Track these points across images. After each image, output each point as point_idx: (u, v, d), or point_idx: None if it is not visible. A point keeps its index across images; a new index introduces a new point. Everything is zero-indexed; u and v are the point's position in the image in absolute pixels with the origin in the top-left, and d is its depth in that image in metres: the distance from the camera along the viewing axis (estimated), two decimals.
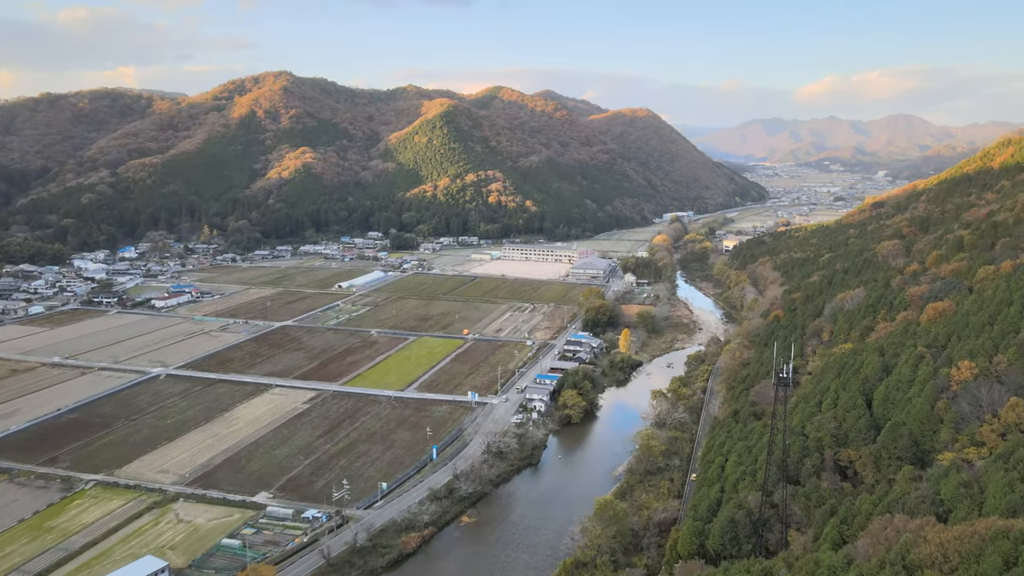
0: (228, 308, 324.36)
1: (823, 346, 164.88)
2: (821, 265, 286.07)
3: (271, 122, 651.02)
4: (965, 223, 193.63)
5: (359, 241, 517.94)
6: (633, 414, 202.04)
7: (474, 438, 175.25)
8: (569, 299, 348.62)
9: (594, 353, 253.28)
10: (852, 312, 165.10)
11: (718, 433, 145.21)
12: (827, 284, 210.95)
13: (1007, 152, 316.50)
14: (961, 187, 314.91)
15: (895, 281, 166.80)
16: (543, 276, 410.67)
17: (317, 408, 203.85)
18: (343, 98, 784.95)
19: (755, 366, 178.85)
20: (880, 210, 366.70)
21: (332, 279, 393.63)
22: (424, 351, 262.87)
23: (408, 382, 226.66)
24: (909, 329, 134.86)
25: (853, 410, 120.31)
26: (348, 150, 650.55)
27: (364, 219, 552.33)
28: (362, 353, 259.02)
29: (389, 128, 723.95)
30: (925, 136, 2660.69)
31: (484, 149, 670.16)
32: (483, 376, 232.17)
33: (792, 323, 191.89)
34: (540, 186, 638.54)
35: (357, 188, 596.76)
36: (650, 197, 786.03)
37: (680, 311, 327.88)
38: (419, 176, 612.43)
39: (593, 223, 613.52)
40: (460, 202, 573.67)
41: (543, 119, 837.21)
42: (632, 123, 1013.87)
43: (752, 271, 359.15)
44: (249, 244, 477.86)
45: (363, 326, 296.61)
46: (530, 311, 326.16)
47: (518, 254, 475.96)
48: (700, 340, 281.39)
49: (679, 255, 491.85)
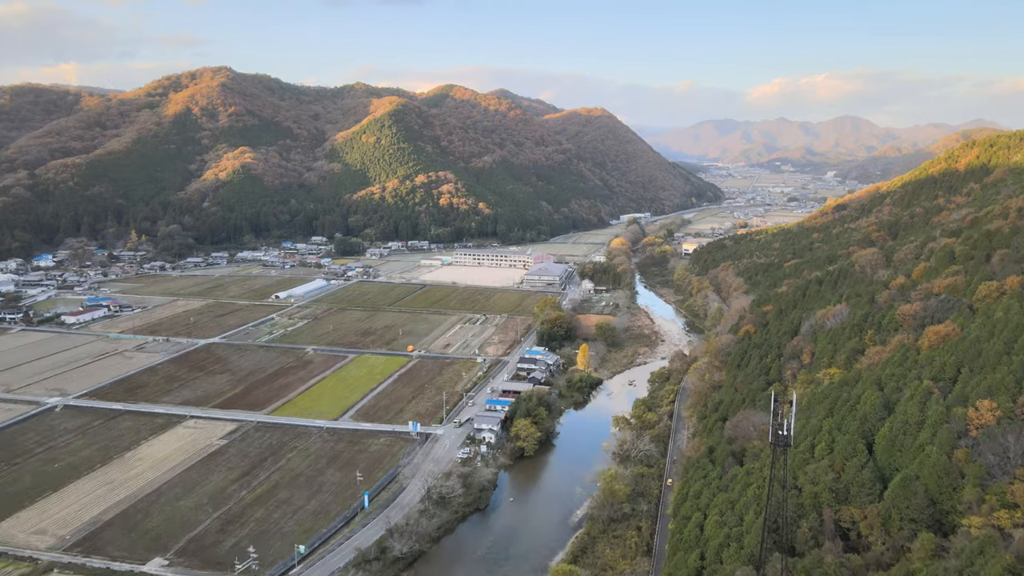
0: (149, 324, 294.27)
1: (804, 370, 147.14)
2: (788, 272, 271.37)
3: (208, 120, 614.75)
4: (951, 231, 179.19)
5: (302, 247, 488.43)
6: (594, 443, 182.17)
7: (412, 480, 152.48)
8: (523, 308, 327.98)
9: (550, 371, 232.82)
10: (836, 332, 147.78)
11: (693, 477, 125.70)
12: (800, 296, 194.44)
13: (972, 154, 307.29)
14: (926, 189, 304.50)
15: (881, 297, 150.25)
16: (496, 283, 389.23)
17: (236, 444, 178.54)
18: (287, 96, 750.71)
19: (728, 391, 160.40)
20: (843, 213, 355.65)
21: (270, 289, 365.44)
22: (364, 371, 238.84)
23: (343, 409, 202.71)
24: (908, 357, 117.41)
25: (853, 458, 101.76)
26: (291, 150, 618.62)
27: (307, 223, 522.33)
28: (295, 375, 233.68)
29: (336, 127, 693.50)
30: (871, 137, 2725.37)
31: (435, 149, 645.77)
32: (427, 401, 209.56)
33: (766, 341, 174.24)
34: (494, 187, 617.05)
35: (301, 190, 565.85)
36: (607, 198, 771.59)
37: (641, 320, 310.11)
38: (367, 177, 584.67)
39: (549, 225, 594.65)
40: (410, 204, 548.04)
41: (497, 118, 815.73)
42: (588, 123, 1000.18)
43: (714, 277, 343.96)
44: (181, 251, 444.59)
45: (299, 342, 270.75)
46: (482, 323, 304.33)
47: (470, 259, 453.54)
48: (663, 353, 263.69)
49: (638, 259, 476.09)
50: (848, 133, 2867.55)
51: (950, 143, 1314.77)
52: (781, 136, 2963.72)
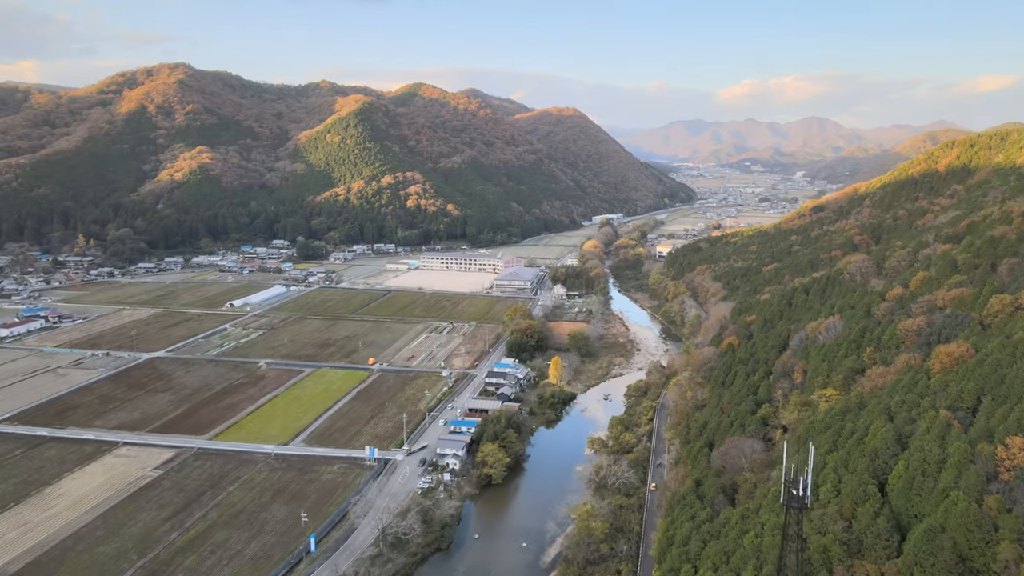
0: (89, 336, 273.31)
1: (797, 390, 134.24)
2: (768, 278, 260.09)
3: (164, 119, 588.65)
4: (947, 236, 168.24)
5: (262, 251, 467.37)
6: (567, 467, 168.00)
7: (365, 519, 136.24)
8: (493, 316, 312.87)
9: (520, 386, 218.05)
10: (830, 348, 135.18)
11: (679, 516, 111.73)
12: (786, 306, 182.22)
13: (952, 154, 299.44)
14: (907, 191, 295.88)
15: (878, 309, 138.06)
16: (465, 288, 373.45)
17: (172, 475, 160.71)
18: (249, 94, 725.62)
19: (713, 412, 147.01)
20: (820, 214, 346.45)
21: (224, 296, 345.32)
22: (320, 388, 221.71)
23: (295, 432, 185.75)
24: (918, 381, 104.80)
25: (865, 502, 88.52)
26: (252, 150, 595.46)
27: (268, 226, 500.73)
28: (244, 392, 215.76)
29: (300, 126, 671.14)
30: (837, 138, 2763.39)
31: (402, 149, 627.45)
32: (388, 421, 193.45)
33: (752, 356, 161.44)
34: (463, 188, 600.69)
35: (262, 192, 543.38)
36: (579, 199, 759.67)
37: (615, 328, 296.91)
38: (331, 178, 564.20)
39: (520, 227, 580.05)
40: (376, 206, 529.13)
41: (466, 118, 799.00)
42: (559, 122, 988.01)
43: (690, 281, 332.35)
44: (132, 256, 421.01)
45: (251, 356, 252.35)
46: (448, 332, 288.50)
47: (438, 263, 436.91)
48: (639, 363, 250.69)
49: (611, 261, 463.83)
50: (815, 134, 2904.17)
51: (917, 144, 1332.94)
52: (750, 136, 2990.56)
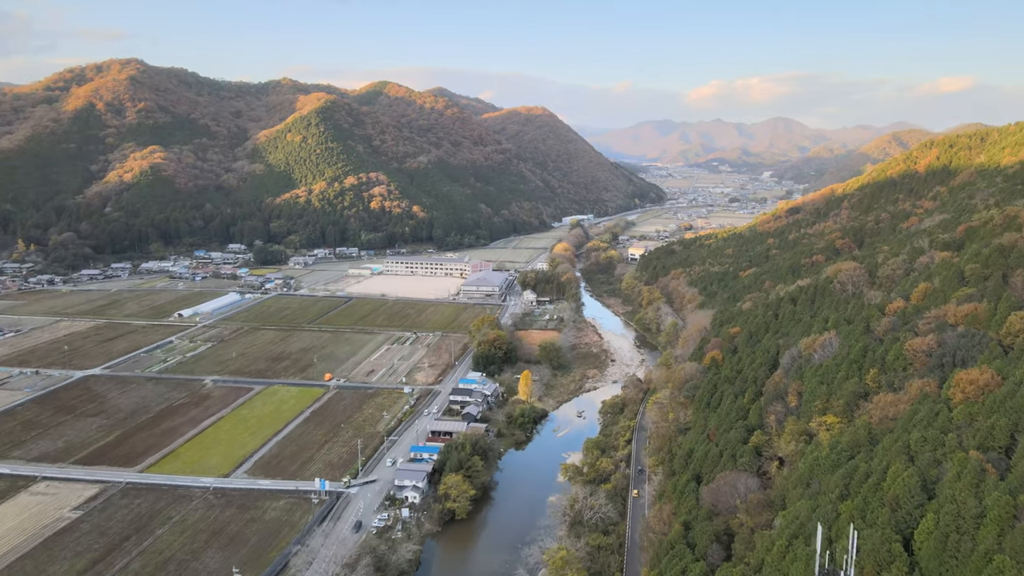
0: (18, 352, 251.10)
1: (792, 416, 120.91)
2: (747, 283, 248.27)
3: (114, 117, 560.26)
4: (944, 242, 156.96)
5: (217, 256, 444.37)
6: (539, 497, 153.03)
7: (309, 571, 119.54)
8: (459, 324, 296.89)
9: (488, 403, 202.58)
10: (827, 368, 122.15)
11: (667, 569, 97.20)
12: (772, 317, 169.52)
13: (931, 155, 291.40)
14: (886, 192, 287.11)
15: (879, 325, 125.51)
16: (430, 295, 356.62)
17: (94, 516, 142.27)
18: (206, 91, 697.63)
19: (698, 438, 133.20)
20: (797, 216, 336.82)
21: (173, 305, 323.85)
22: (271, 408, 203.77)
23: (239, 461, 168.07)
24: (938, 413, 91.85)
25: (891, 564, 74.70)
26: (209, 150, 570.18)
27: (224, 229, 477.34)
28: (186, 414, 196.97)
29: (259, 125, 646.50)
30: (803, 138, 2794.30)
31: (366, 149, 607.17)
32: (343, 446, 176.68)
33: (739, 374, 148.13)
34: (429, 189, 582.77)
35: (218, 193, 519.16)
36: (549, 200, 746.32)
37: (588, 336, 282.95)
38: (291, 179, 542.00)
39: (488, 229, 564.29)
40: (338, 208, 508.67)
41: (433, 117, 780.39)
42: (528, 122, 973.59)
43: (664, 286, 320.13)
44: (75, 262, 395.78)
45: (197, 372, 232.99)
46: (412, 343, 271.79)
47: (403, 268, 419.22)
48: (614, 375, 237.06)
49: (582, 264, 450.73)
50: (781, 134, 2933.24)
51: (882, 144, 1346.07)
52: (718, 137, 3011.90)
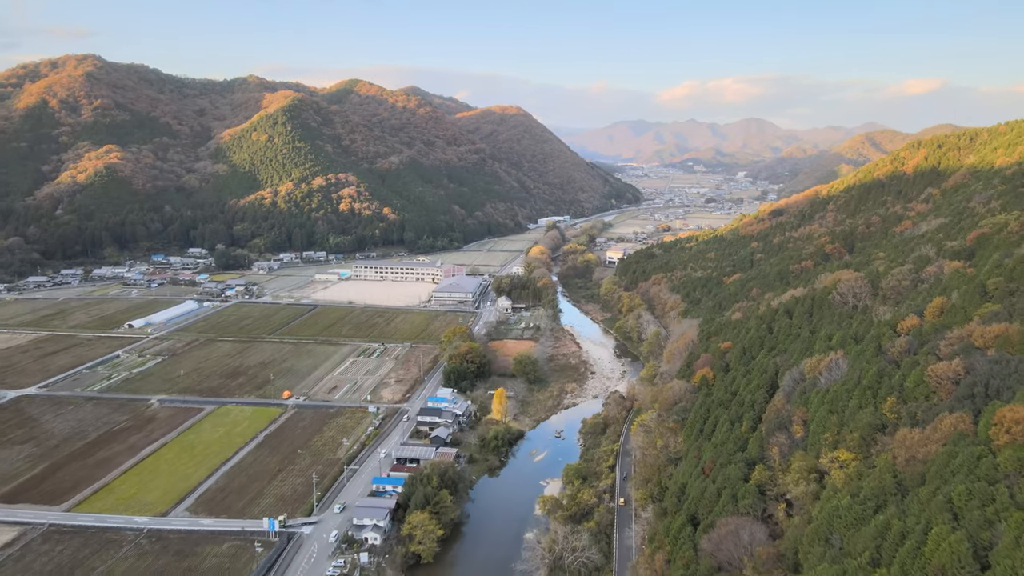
0: None
1: (799, 449, 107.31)
2: (732, 291, 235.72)
3: (69, 114, 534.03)
4: (955, 251, 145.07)
5: (175, 260, 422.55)
6: (514, 534, 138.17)
7: None
8: (430, 334, 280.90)
9: (459, 424, 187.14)
10: (836, 394, 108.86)
11: None
12: (766, 331, 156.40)
13: (919, 155, 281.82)
14: (873, 194, 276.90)
15: (891, 345, 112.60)
16: (400, 302, 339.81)
17: (9, 567, 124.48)
18: (168, 88, 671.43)
19: (693, 473, 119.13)
20: (780, 219, 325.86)
21: (124, 315, 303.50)
22: (221, 432, 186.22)
23: (181, 495, 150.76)
24: (980, 458, 78.61)
25: None
26: (170, 149, 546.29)
27: (184, 233, 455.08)
28: (125, 441, 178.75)
29: (224, 124, 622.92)
30: (775, 139, 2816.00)
31: (336, 149, 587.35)
32: (298, 475, 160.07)
33: (734, 397, 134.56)
34: (401, 191, 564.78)
35: (178, 195, 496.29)
36: (524, 201, 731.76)
37: (566, 347, 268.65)
38: (256, 180, 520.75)
39: (462, 232, 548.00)
40: (305, 210, 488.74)
41: (405, 116, 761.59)
42: (503, 121, 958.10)
43: (645, 291, 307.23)
44: (22, 268, 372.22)
45: (143, 391, 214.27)
46: (379, 355, 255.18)
47: (372, 273, 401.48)
48: (594, 390, 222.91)
49: (559, 268, 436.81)
50: (754, 134, 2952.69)
51: (855, 145, 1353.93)
52: (692, 137, 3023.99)
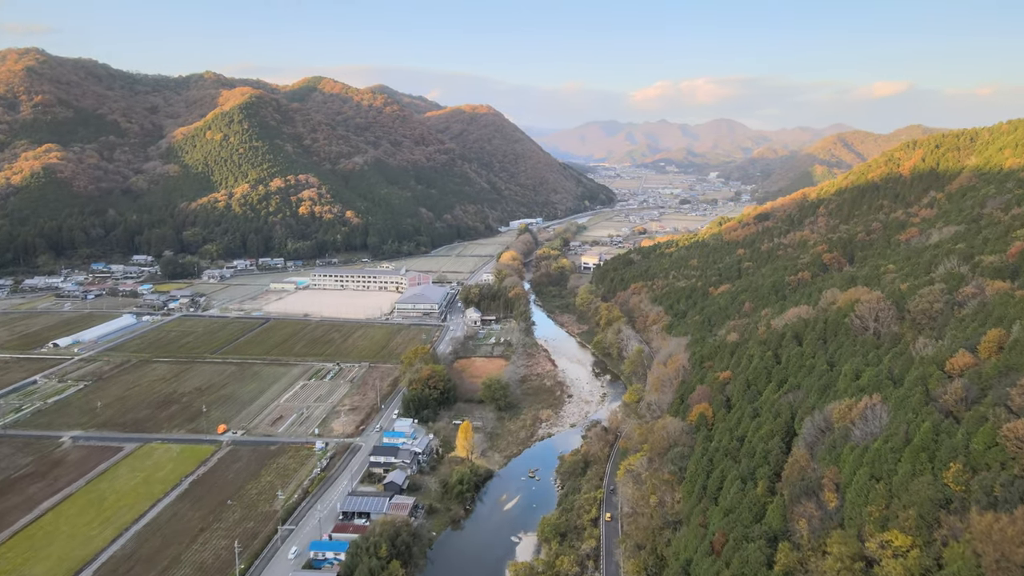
0: None
1: (834, 524, 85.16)
2: (722, 305, 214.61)
3: (6, 111, 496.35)
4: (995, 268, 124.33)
5: (119, 269, 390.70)
6: None
7: None
8: (391, 352, 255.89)
9: (419, 463, 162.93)
10: (880, 455, 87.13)
11: None
12: (772, 360, 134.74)
13: (915, 156, 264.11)
14: (868, 197, 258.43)
15: (942, 390, 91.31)
16: (360, 314, 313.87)
17: None
18: (118, 85, 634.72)
19: (698, 549, 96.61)
20: (767, 224, 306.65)
21: (51, 332, 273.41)
22: (139, 478, 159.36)
23: (75, 568, 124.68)
24: None
25: None
26: (117, 149, 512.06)
27: (129, 239, 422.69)
28: (23, 492, 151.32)
29: (177, 122, 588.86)
30: (745, 139, 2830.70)
31: (296, 149, 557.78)
32: (223, 536, 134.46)
33: (739, 441, 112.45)
34: (365, 193, 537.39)
35: (124, 198, 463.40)
36: (495, 203, 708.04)
37: (540, 365, 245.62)
38: (210, 182, 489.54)
39: (429, 236, 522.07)
40: (262, 214, 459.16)
41: (371, 114, 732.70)
42: (473, 120, 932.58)
43: (624, 302, 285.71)
44: None
45: (56, 425, 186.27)
46: (333, 376, 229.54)
47: (332, 282, 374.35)
48: (572, 416, 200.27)
49: (531, 275, 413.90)
50: (725, 135, 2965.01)
51: (828, 145, 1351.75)
52: (663, 137, 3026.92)
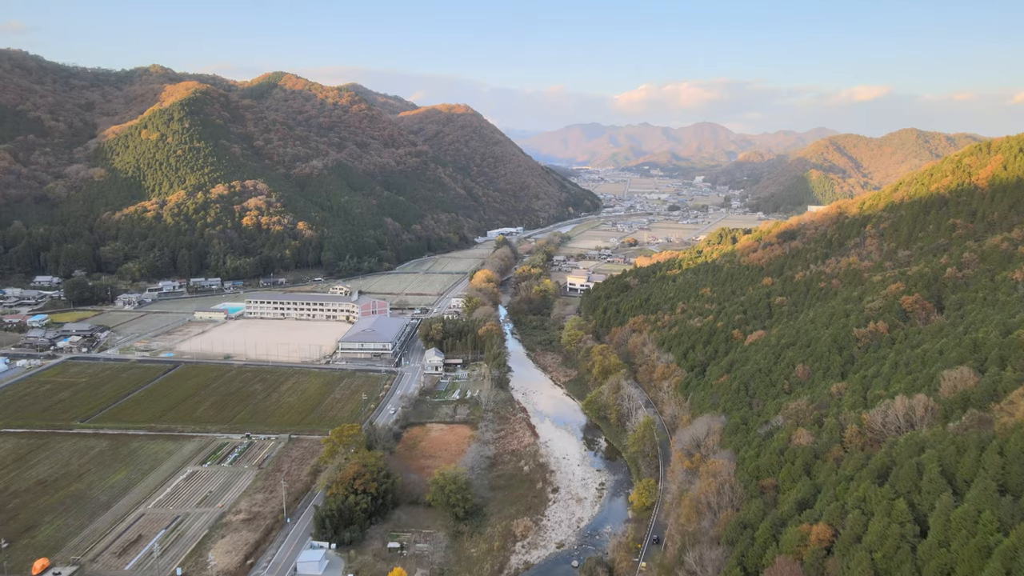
0: None
1: None
2: (762, 364, 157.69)
3: None
4: None
5: (13, 293, 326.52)
6: None
7: None
8: (323, 414, 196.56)
9: None
10: None
11: None
12: (905, 510, 78.48)
13: (993, 162, 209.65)
14: (933, 215, 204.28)
15: None
16: (297, 355, 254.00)
17: None
18: (50, 78, 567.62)
19: None
20: (794, 244, 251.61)
21: None
22: None
23: None
24: None
25: None
26: (36, 150, 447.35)
27: (34, 256, 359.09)
28: None
29: (114, 120, 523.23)
30: (728, 143, 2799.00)
31: (246, 150, 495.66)
32: None
33: None
34: (323, 201, 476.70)
35: (38, 207, 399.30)
36: (472, 210, 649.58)
37: (517, 436, 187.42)
38: (141, 188, 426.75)
39: (395, 250, 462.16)
40: (198, 226, 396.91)
41: (336, 113, 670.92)
42: (449, 121, 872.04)
43: (622, 342, 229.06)
44: None
45: None
46: (237, 457, 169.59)
47: (270, 309, 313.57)
48: (559, 528, 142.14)
49: (509, 298, 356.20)
50: (708, 138, 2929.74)
51: (819, 149, 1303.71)
52: (646, 140, 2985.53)
